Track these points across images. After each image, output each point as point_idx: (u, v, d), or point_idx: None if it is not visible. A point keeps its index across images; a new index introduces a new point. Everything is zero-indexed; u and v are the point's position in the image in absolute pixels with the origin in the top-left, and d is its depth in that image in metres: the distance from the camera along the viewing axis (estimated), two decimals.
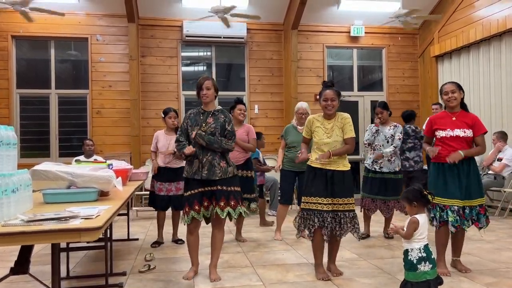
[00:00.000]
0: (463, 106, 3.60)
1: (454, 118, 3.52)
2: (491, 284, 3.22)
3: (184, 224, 3.41)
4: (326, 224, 3.38)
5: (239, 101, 4.80)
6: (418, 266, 2.62)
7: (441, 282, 2.69)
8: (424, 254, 2.63)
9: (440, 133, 3.52)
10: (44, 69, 7.89)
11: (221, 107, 3.57)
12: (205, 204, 3.36)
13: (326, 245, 3.54)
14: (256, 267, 3.78)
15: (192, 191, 3.34)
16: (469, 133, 3.46)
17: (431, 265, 2.62)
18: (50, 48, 7.87)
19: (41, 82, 7.86)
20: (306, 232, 3.49)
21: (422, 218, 2.70)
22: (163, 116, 4.87)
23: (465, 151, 3.42)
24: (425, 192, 2.72)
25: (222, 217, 3.35)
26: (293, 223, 3.63)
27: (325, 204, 3.38)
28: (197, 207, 3.32)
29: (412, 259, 2.65)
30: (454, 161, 3.37)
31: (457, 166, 3.44)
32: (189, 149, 3.32)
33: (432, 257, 2.66)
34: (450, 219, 3.41)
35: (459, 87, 3.56)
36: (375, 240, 4.82)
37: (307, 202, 3.46)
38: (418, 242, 2.67)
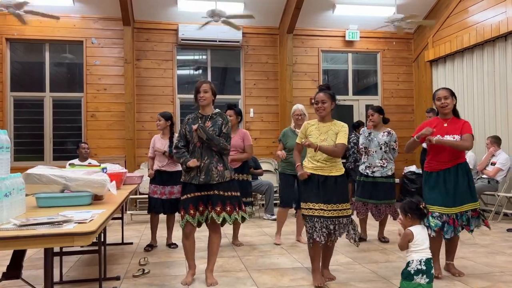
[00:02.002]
0: (455, 112, 3.62)
1: (445, 125, 3.55)
2: None
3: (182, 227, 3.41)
4: (328, 231, 3.36)
5: (229, 106, 4.80)
6: (415, 277, 2.61)
7: None
8: (424, 268, 2.61)
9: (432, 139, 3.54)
10: (39, 72, 7.86)
11: (219, 110, 3.58)
12: (200, 209, 3.35)
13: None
14: (251, 272, 3.77)
15: (188, 195, 3.33)
16: (459, 139, 3.47)
17: (428, 280, 2.60)
18: (45, 51, 7.84)
19: (35, 85, 7.83)
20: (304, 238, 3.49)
21: (418, 229, 2.70)
22: None
23: (442, 138, 3.45)
24: (421, 206, 2.72)
25: (218, 222, 3.34)
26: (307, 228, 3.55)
27: (316, 210, 3.37)
28: (191, 211, 3.31)
29: (410, 269, 2.64)
30: (426, 134, 3.42)
31: (444, 174, 3.46)
32: (193, 163, 3.31)
33: (432, 272, 2.64)
34: (431, 223, 3.44)
35: (452, 93, 3.57)
36: (370, 244, 4.82)
37: (306, 208, 3.44)
38: (417, 253, 2.65)
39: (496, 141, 6.55)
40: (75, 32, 7.82)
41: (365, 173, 4.88)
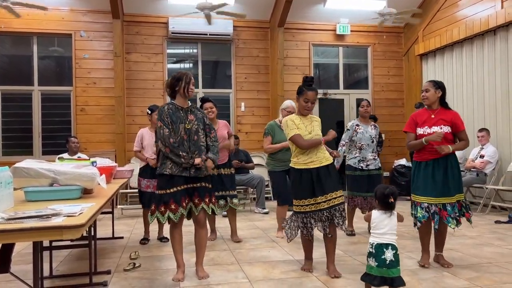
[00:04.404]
0: (443, 103, 3.65)
1: (433, 116, 3.59)
2: (473, 279, 3.28)
3: (150, 222, 3.35)
4: (324, 222, 3.40)
5: (205, 99, 4.71)
6: (368, 259, 2.80)
7: (390, 284, 2.72)
8: (373, 251, 2.76)
9: (419, 130, 3.59)
10: (27, 66, 7.75)
11: (191, 103, 3.51)
12: (186, 201, 3.34)
13: (313, 242, 3.58)
14: (242, 264, 3.78)
15: (178, 188, 3.29)
16: (446, 129, 3.52)
17: (376, 263, 2.73)
18: (33, 44, 7.73)
19: (23, 78, 7.72)
20: (298, 233, 3.52)
21: (377, 214, 2.83)
22: (149, 112, 4.82)
23: (453, 146, 3.51)
24: (389, 200, 2.80)
25: (209, 213, 3.39)
26: (283, 227, 3.61)
27: (318, 203, 3.39)
28: (184, 204, 3.30)
29: (367, 251, 2.84)
30: (443, 151, 3.42)
31: (433, 163, 3.51)
32: (199, 160, 3.30)
33: (382, 257, 2.71)
34: (418, 214, 3.54)
35: (436, 86, 3.61)
36: (360, 237, 4.86)
37: (298, 205, 3.46)
38: (372, 237, 2.83)
39: (489, 133, 6.65)
40: (64, 25, 7.72)
41: (360, 167, 4.88)
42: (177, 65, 8.56)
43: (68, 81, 7.83)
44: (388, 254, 2.73)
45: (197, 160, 3.29)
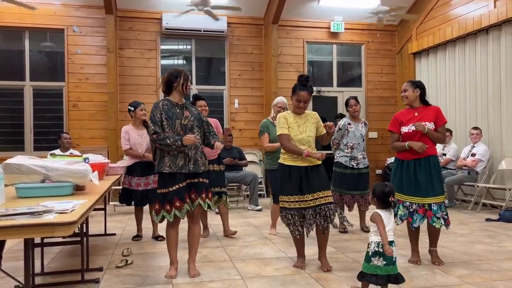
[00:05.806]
0: (424, 102, 3.70)
1: (416, 114, 3.64)
2: (464, 276, 3.31)
3: (158, 221, 3.30)
4: (308, 221, 3.42)
5: (198, 97, 4.65)
6: (372, 259, 2.73)
7: (395, 281, 2.72)
8: (381, 250, 2.70)
9: (404, 129, 3.64)
10: (18, 61, 7.67)
11: (185, 100, 3.51)
12: (188, 197, 3.34)
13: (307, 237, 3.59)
14: (234, 261, 3.78)
15: (180, 185, 3.27)
16: (431, 126, 3.58)
17: (385, 262, 2.69)
18: (25, 38, 7.65)
19: (15, 73, 7.64)
20: (291, 229, 3.53)
21: (383, 214, 2.79)
22: (132, 109, 4.73)
23: (429, 130, 3.54)
24: (390, 199, 2.77)
25: (205, 209, 3.43)
26: (283, 220, 3.59)
27: (304, 201, 3.41)
28: (188, 200, 3.30)
29: (369, 251, 2.77)
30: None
31: (415, 163, 3.56)
32: (189, 139, 3.17)
33: (390, 256, 2.71)
34: (399, 212, 3.59)
35: (414, 85, 3.67)
36: (352, 234, 4.88)
37: (285, 201, 3.48)
38: (377, 236, 2.76)
39: (481, 132, 6.71)
40: (56, 20, 7.64)
41: (351, 165, 4.90)
42: (170, 61, 8.52)
43: (61, 76, 7.76)
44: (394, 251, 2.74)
45: (186, 140, 3.17)
